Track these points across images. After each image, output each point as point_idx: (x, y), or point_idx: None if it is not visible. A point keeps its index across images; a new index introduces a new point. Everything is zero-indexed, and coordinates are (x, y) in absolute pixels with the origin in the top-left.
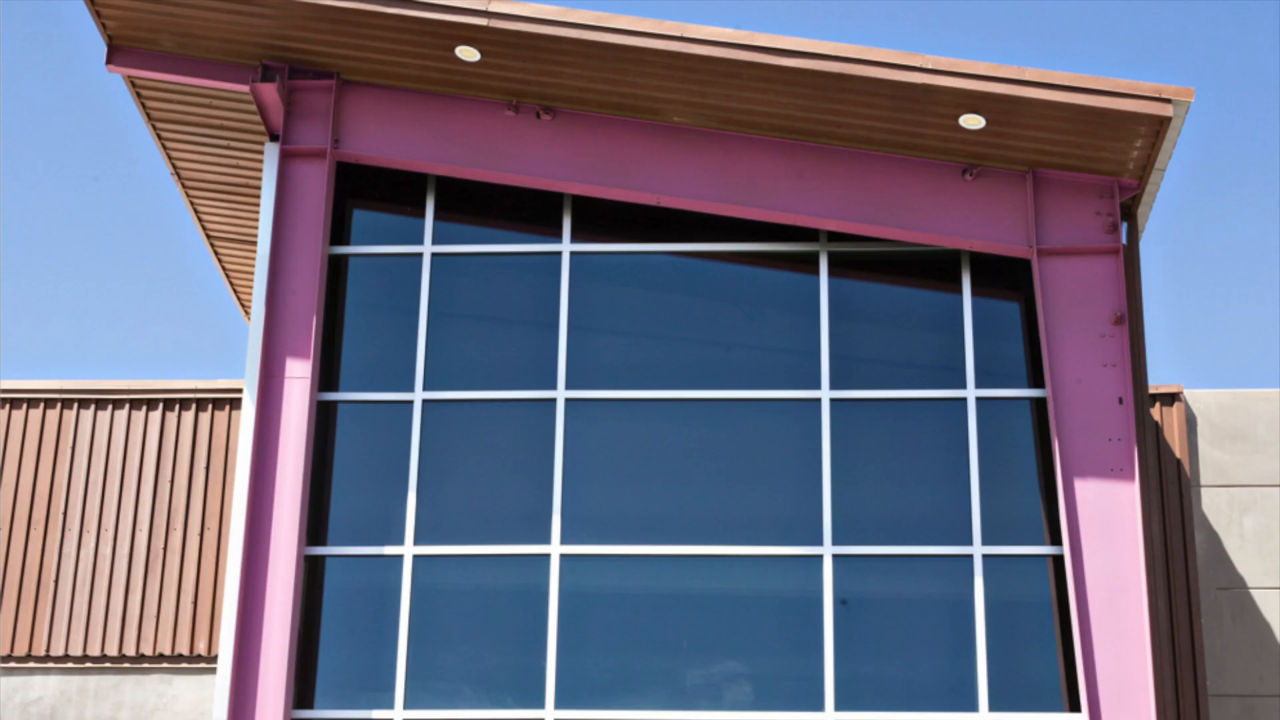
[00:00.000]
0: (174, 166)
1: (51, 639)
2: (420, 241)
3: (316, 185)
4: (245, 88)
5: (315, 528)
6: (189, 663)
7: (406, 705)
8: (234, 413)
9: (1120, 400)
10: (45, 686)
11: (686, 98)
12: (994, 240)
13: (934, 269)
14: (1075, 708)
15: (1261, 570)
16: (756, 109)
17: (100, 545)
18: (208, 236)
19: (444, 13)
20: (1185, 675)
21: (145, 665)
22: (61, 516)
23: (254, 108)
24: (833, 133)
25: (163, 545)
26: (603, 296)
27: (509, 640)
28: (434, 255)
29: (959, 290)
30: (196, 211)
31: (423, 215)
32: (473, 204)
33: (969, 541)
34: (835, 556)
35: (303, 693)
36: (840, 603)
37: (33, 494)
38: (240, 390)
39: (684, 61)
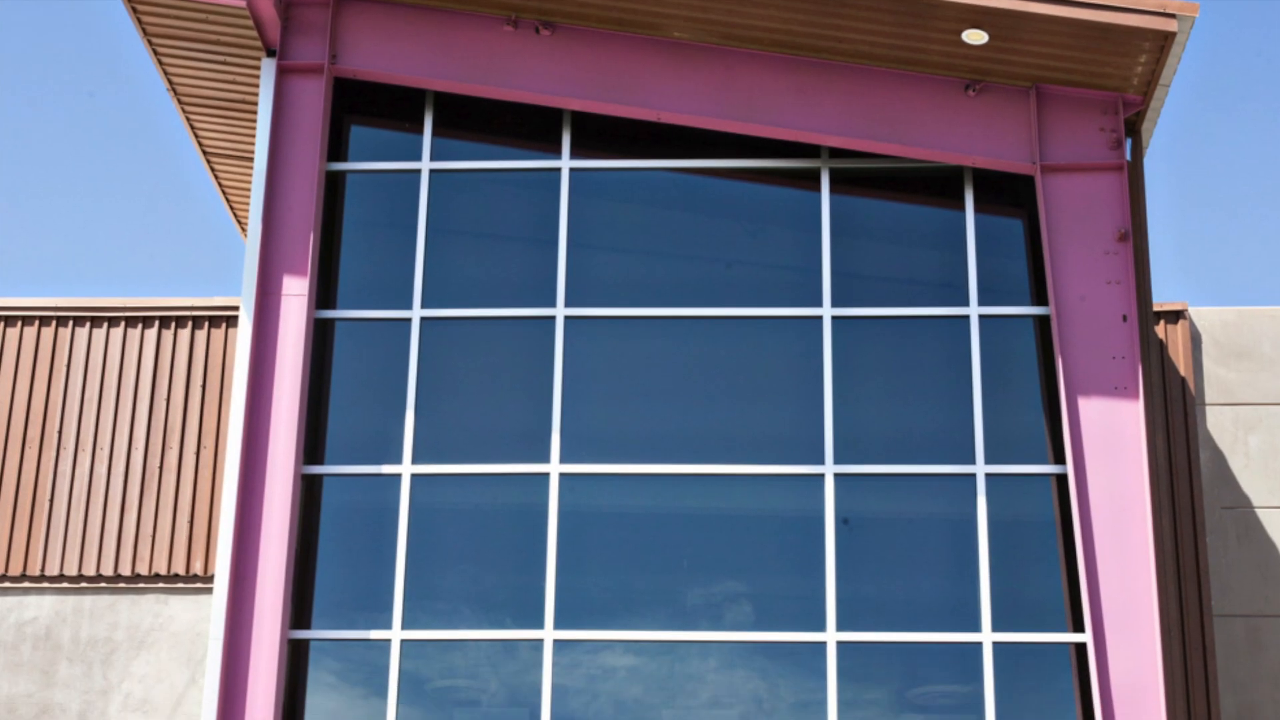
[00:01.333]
0: (170, 82)
1: (46, 558)
2: (418, 158)
3: (314, 101)
4: (242, 2)
5: (312, 446)
6: (185, 583)
7: (404, 625)
8: (230, 330)
9: (1124, 318)
10: (40, 606)
11: (687, 13)
12: (997, 156)
13: (936, 185)
14: (1079, 628)
15: (1267, 489)
16: (758, 24)
17: (95, 464)
18: (204, 153)
19: None
20: (1190, 595)
21: (141, 585)
22: (56, 435)
23: (251, 22)
24: (834, 48)
25: (158, 464)
26: (602, 213)
27: (508, 560)
28: (432, 172)
29: (962, 207)
30: (193, 127)
31: (421, 131)
32: (471, 120)
33: (972, 460)
34: (837, 475)
35: (299, 613)
36: (842, 522)
37: (27, 412)
38: (236, 308)
39: None
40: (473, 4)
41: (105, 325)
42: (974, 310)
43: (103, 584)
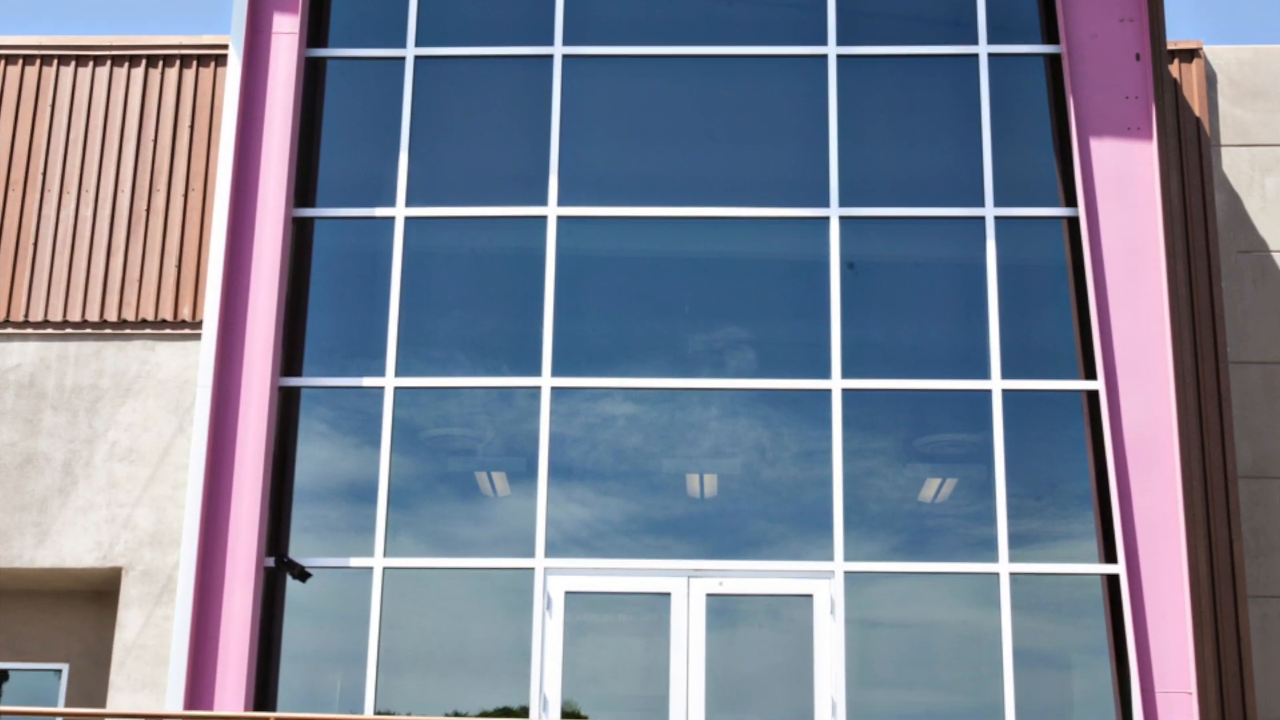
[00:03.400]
0: None
1: (30, 304)
2: None
3: None
4: None
5: (303, 189)
6: (173, 328)
7: (398, 372)
8: (219, 70)
9: (1137, 56)
10: (24, 353)
11: None
12: None
13: None
14: (1090, 375)
15: None
16: None
17: (81, 207)
18: None
19: None
20: (1205, 341)
21: (128, 331)
22: (41, 177)
23: None
24: None
25: (145, 207)
26: None
27: (504, 305)
28: None
29: None
30: None
31: None
32: None
33: (980, 203)
34: (842, 218)
35: (290, 360)
36: (847, 266)
37: (10, 154)
38: (226, 46)
39: None
40: None
41: (91, 65)
42: (983, 49)
43: (88, 330)
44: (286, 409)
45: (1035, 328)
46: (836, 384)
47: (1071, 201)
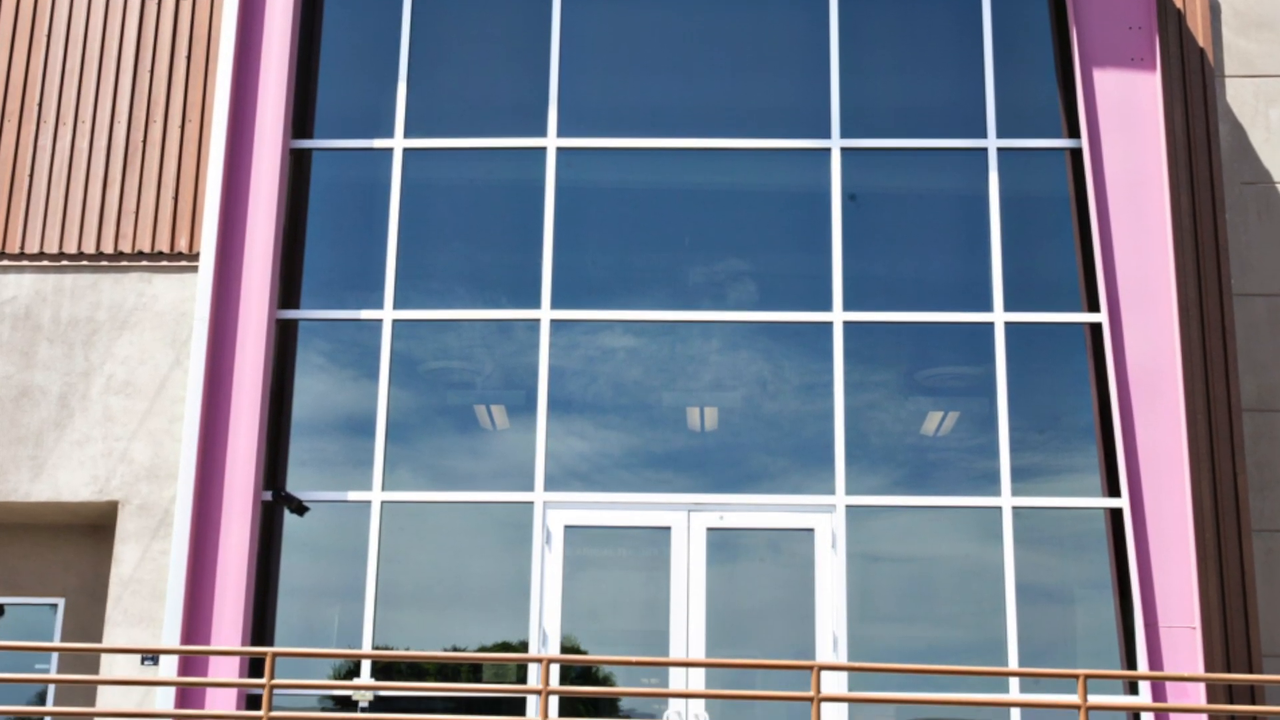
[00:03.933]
0: None
1: (26, 236)
2: None
3: None
4: None
5: (301, 120)
6: (170, 260)
7: (396, 305)
8: None
9: None
10: (20, 285)
11: None
12: None
13: None
14: (1094, 307)
15: None
16: None
17: (77, 138)
18: None
19: None
20: (1208, 273)
21: (124, 263)
22: (36, 108)
23: None
24: None
25: (142, 138)
26: None
27: (504, 237)
28: None
29: None
30: None
31: None
32: None
33: (983, 134)
34: (844, 150)
35: (288, 292)
36: (849, 198)
37: (5, 85)
38: None
39: None
40: None
41: None
42: None
43: (84, 262)
44: (284, 342)
45: (1038, 260)
46: (838, 316)
47: (1074, 133)
